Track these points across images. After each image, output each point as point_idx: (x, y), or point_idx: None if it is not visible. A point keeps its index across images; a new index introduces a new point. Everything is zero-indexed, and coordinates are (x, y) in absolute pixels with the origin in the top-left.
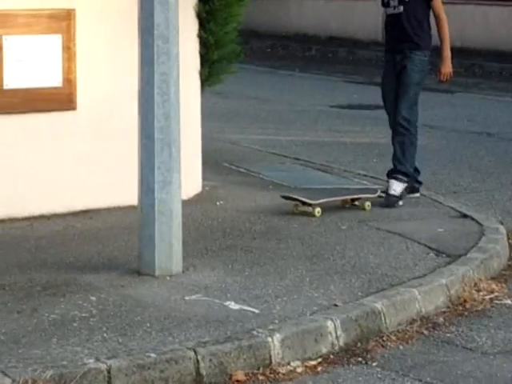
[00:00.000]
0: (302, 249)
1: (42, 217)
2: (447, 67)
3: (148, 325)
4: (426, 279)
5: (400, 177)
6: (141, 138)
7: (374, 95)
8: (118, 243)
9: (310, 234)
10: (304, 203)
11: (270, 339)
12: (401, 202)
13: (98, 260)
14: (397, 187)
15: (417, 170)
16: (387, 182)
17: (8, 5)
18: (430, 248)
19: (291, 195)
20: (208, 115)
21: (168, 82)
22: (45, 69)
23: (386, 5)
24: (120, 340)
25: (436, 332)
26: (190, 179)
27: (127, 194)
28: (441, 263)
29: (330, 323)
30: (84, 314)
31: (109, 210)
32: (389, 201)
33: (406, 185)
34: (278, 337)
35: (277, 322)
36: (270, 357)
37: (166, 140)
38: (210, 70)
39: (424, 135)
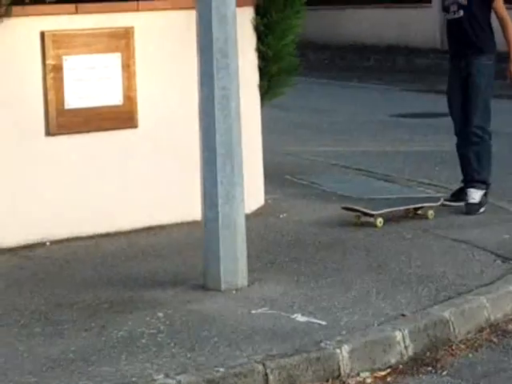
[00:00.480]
0: (367, 259)
1: (106, 235)
2: None
3: (216, 339)
4: (494, 286)
5: (478, 184)
6: (203, 153)
7: (435, 103)
8: (182, 259)
9: (374, 244)
10: (365, 214)
11: (338, 351)
12: (482, 209)
13: (164, 276)
14: (475, 195)
15: None
16: (465, 193)
17: (67, 25)
18: (496, 255)
19: (352, 206)
20: (268, 128)
21: (228, 97)
22: (105, 87)
23: (446, 10)
24: (188, 355)
25: (506, 339)
26: (252, 193)
27: (190, 210)
28: (508, 270)
29: (398, 333)
30: (152, 331)
31: (172, 226)
32: (469, 209)
33: (484, 191)
34: (346, 348)
35: (344, 333)
36: (339, 368)
37: (228, 154)
38: (269, 83)
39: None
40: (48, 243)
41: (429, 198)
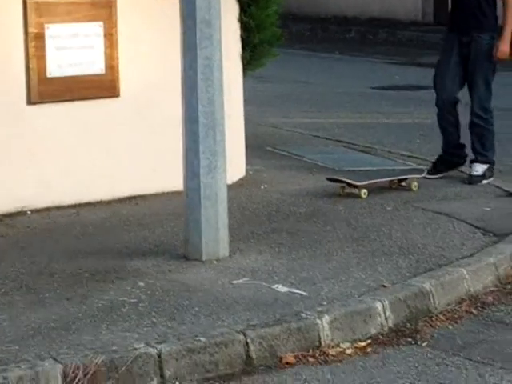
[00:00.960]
0: (347, 230)
1: (88, 204)
2: (504, 45)
3: (197, 309)
4: (474, 258)
5: (481, 159)
6: (185, 123)
7: (416, 76)
8: (164, 228)
9: (355, 215)
10: (350, 185)
11: (318, 321)
12: (485, 181)
13: (145, 246)
14: (478, 168)
15: (461, 147)
16: (470, 166)
17: None
18: (476, 227)
19: (337, 177)
20: (249, 99)
21: (211, 67)
22: (87, 56)
23: None
24: (169, 324)
25: (485, 311)
26: (233, 163)
27: (172, 180)
28: (488, 242)
29: (378, 304)
30: (133, 300)
31: (154, 196)
32: (471, 180)
33: (488, 165)
34: (326, 318)
35: (325, 303)
36: (320, 338)
37: (211, 124)
38: (252, 53)
39: (468, 113)
40: (29, 212)
41: (413, 170)
